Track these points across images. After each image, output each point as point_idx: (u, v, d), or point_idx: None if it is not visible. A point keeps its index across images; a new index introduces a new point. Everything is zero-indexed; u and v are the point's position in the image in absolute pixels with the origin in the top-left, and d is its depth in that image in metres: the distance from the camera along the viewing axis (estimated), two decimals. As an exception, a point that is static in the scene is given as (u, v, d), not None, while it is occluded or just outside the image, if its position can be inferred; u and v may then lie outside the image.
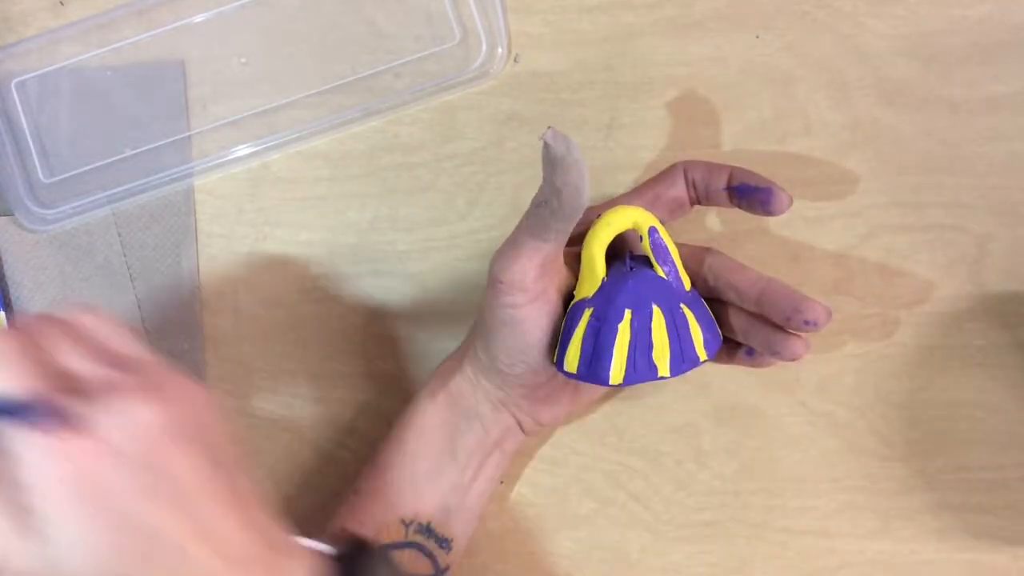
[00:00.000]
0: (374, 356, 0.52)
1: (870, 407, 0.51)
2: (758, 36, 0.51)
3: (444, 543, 0.47)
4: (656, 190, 0.46)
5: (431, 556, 0.47)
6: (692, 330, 0.43)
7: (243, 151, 0.52)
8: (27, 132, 0.52)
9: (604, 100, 0.52)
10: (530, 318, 0.43)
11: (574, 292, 0.45)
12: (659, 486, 0.52)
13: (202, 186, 0.52)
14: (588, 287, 0.43)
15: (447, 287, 0.52)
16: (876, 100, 0.51)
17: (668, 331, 0.43)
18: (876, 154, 0.51)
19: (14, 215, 0.52)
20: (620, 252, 0.45)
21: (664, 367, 0.43)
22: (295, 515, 0.45)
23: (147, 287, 0.52)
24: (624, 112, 0.51)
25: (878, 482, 0.51)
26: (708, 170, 0.45)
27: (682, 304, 0.43)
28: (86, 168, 0.52)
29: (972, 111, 0.51)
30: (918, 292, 0.51)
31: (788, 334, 0.43)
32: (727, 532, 0.52)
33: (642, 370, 0.42)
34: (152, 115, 0.52)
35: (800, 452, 0.51)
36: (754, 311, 0.44)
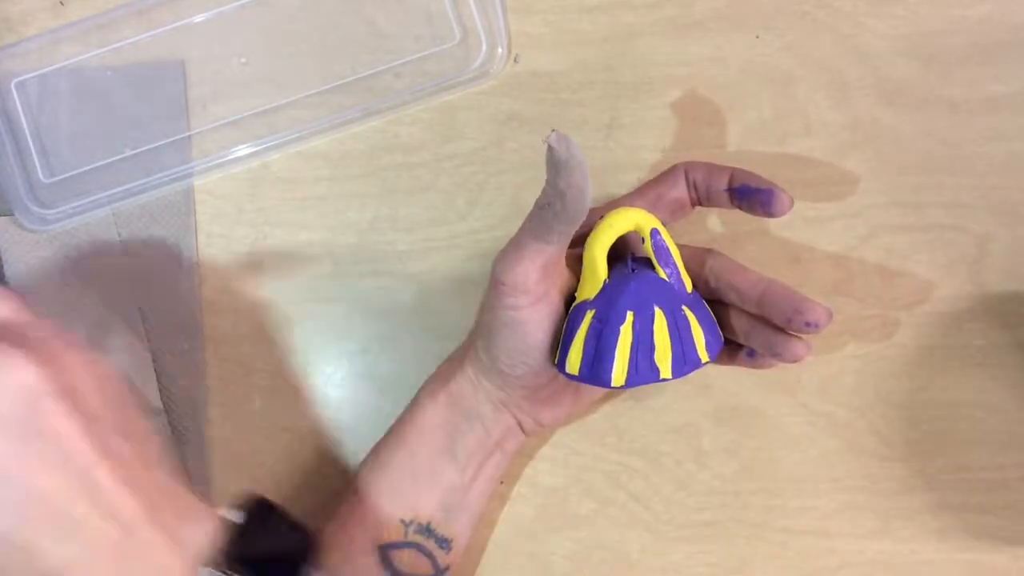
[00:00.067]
0: (374, 356, 0.52)
1: (870, 407, 0.51)
2: (758, 36, 0.51)
3: (444, 543, 0.47)
4: (658, 191, 0.46)
5: (431, 556, 0.47)
6: (694, 332, 0.43)
7: (243, 151, 0.52)
8: (27, 132, 0.52)
9: (604, 100, 0.51)
10: (532, 320, 0.43)
11: (576, 294, 0.45)
12: (659, 486, 0.52)
13: (202, 186, 0.52)
14: (590, 289, 0.43)
15: (447, 287, 0.52)
16: (876, 100, 0.51)
17: (670, 333, 0.43)
18: (876, 154, 0.51)
19: (14, 215, 0.52)
20: (622, 254, 0.45)
21: (666, 369, 0.43)
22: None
23: (147, 287, 0.52)
24: (624, 112, 0.51)
25: (878, 482, 0.51)
26: (709, 171, 0.45)
27: (684, 306, 0.43)
28: (86, 168, 0.52)
29: (972, 111, 0.51)
30: (918, 292, 0.51)
31: (789, 336, 0.43)
32: (727, 532, 0.52)
33: (644, 372, 0.42)
34: (152, 115, 0.52)
35: (800, 452, 0.51)
36: (755, 313, 0.44)
